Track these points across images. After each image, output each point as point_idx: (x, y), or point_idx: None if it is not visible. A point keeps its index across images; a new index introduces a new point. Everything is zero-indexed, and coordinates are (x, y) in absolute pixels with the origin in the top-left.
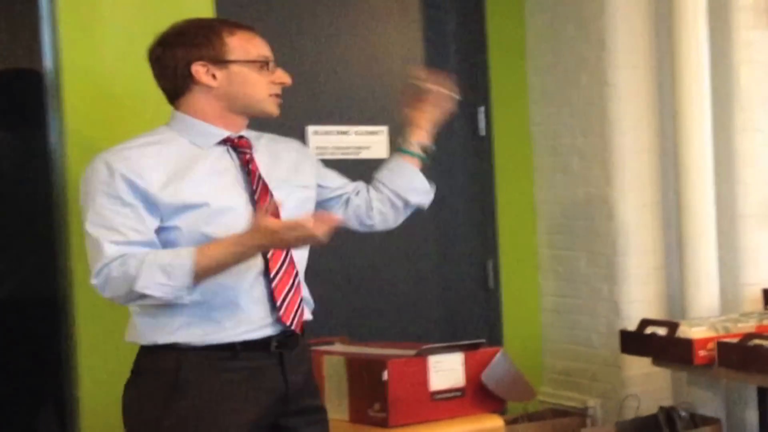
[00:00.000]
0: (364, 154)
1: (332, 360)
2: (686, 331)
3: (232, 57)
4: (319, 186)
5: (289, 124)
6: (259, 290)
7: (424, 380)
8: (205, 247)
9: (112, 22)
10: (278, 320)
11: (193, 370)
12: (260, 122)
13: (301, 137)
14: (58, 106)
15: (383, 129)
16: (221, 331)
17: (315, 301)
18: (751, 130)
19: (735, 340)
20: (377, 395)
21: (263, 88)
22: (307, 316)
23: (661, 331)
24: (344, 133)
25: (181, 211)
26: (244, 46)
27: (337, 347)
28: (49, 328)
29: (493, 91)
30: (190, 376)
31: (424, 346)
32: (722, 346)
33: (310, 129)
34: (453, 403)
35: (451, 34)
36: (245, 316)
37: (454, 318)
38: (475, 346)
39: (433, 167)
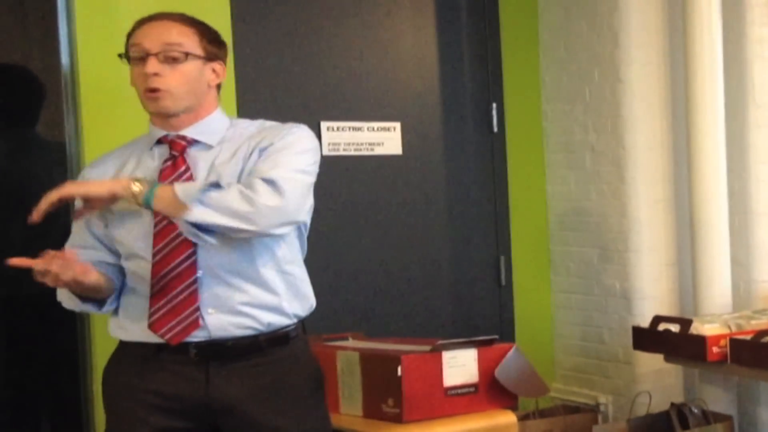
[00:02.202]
0: (378, 150)
1: (346, 355)
2: (699, 327)
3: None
4: None
5: (302, 120)
6: (142, 300)
7: (438, 376)
8: None
9: (129, 18)
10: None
11: (119, 360)
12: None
13: (315, 133)
14: (74, 103)
15: (396, 125)
16: (136, 333)
17: (329, 297)
18: (765, 126)
19: (748, 337)
20: (391, 391)
21: (138, 83)
22: (256, 324)
23: (674, 328)
24: (358, 129)
25: (103, 216)
26: (129, 40)
27: (351, 343)
28: (66, 327)
29: (506, 87)
30: (115, 366)
31: (438, 342)
32: (735, 343)
33: (324, 125)
34: (466, 398)
35: (464, 30)
36: (141, 324)
37: (467, 314)
38: (488, 342)
39: (446, 164)
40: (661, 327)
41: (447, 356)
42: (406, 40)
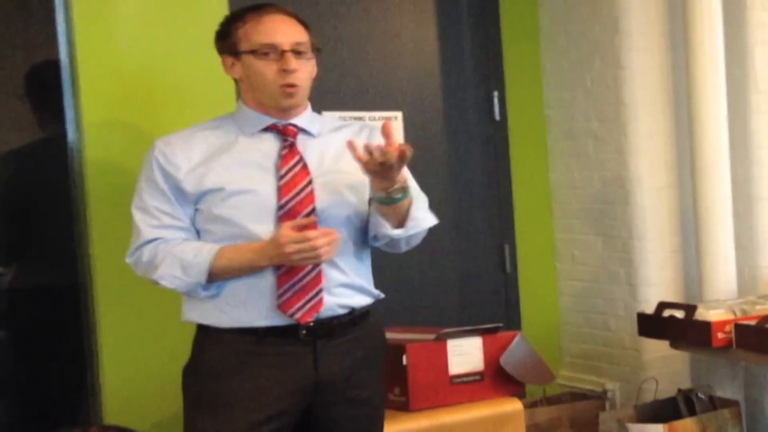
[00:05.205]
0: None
1: None
2: (704, 313)
3: (240, 48)
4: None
5: None
6: (267, 280)
7: (443, 364)
8: (225, 249)
9: (126, 10)
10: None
11: (218, 352)
12: None
13: None
14: (75, 96)
15: (398, 114)
16: (241, 317)
17: None
18: (767, 111)
19: (753, 322)
20: (397, 379)
21: (270, 78)
22: (352, 303)
23: (679, 314)
24: (359, 119)
25: (202, 196)
26: (249, 33)
27: None
28: (71, 315)
29: (508, 75)
30: (214, 357)
31: (443, 331)
32: (740, 329)
33: (325, 114)
34: (472, 386)
35: (464, 19)
36: (253, 305)
37: (472, 302)
38: (493, 330)
39: (448, 153)
40: (666, 313)
41: (452, 345)
42: (407, 29)
